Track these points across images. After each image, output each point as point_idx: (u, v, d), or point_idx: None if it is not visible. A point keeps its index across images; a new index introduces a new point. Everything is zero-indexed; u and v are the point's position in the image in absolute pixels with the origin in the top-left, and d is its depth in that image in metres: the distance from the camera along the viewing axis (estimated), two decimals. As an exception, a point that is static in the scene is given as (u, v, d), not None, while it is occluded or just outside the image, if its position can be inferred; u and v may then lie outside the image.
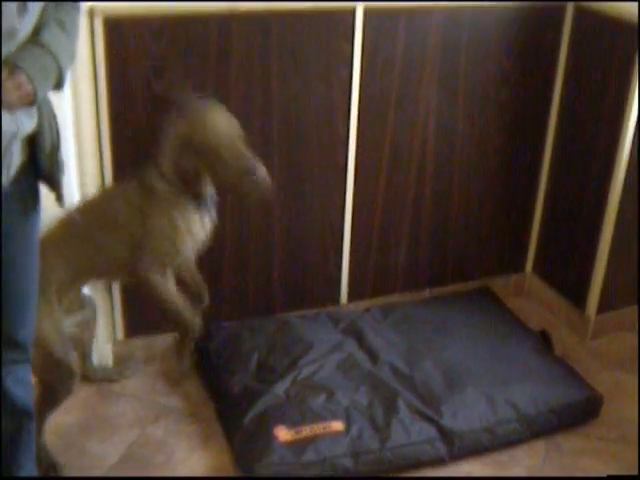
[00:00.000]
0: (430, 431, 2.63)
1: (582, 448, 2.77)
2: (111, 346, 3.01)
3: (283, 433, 2.55)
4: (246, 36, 2.77)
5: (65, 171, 1.96)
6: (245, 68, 2.82)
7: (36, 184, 1.93)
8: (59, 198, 1.96)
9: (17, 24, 1.65)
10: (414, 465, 2.61)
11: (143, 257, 2.51)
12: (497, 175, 3.41)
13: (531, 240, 3.61)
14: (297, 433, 2.56)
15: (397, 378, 2.86)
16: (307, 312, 3.24)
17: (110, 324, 3.00)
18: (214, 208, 2.61)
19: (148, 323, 2.99)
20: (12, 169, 1.78)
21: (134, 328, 3.04)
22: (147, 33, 2.64)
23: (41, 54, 1.72)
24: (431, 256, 3.45)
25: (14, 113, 1.70)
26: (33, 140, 1.83)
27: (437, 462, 2.63)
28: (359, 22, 2.88)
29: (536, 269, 3.64)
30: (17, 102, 1.68)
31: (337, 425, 2.61)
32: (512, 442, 2.74)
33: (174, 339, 2.83)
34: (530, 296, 3.65)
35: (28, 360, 2.08)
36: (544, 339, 3.19)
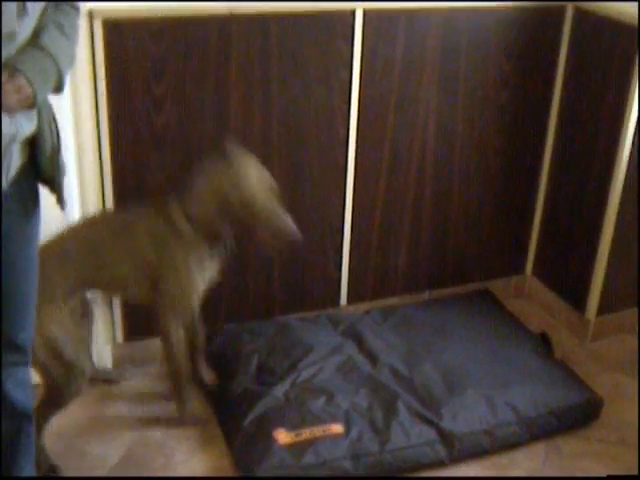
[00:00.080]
0: (430, 433, 2.63)
1: (582, 451, 2.77)
2: (111, 348, 3.01)
3: (283, 436, 2.55)
4: (246, 37, 2.77)
5: (65, 174, 1.96)
6: (245, 70, 2.81)
7: (36, 186, 1.93)
8: (60, 200, 1.96)
9: (16, 27, 1.65)
10: (414, 468, 2.60)
11: (165, 312, 2.58)
12: (497, 177, 3.41)
13: (531, 242, 3.61)
14: (297, 436, 2.56)
15: (397, 380, 2.86)
16: (307, 314, 3.24)
17: (110, 326, 2.99)
18: (229, 252, 2.68)
19: (147, 326, 2.98)
20: (11, 171, 1.78)
21: (133, 330, 3.03)
22: (146, 35, 2.64)
23: (41, 57, 1.72)
24: (431, 258, 3.45)
25: (14, 116, 1.69)
26: (33, 142, 1.83)
27: (437, 465, 2.63)
28: (359, 23, 2.88)
29: (536, 271, 3.64)
30: (17, 105, 1.68)
31: (337, 428, 2.61)
32: (512, 444, 2.73)
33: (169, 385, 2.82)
34: (530, 298, 3.65)
35: (27, 362, 2.08)
36: (544, 341, 3.19)
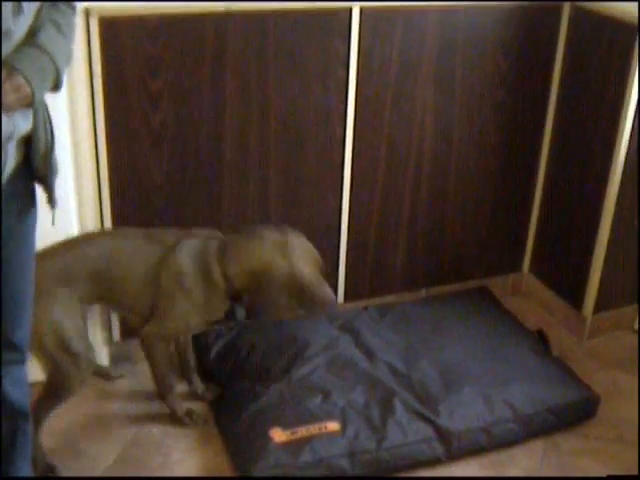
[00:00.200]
0: (427, 431, 2.63)
1: (580, 448, 2.77)
2: (108, 347, 3.01)
3: (279, 434, 2.55)
4: (242, 36, 2.76)
5: (58, 173, 1.96)
6: (241, 68, 2.81)
7: (32, 186, 1.93)
8: (50, 200, 1.95)
9: (12, 25, 1.65)
10: (411, 465, 2.60)
11: (156, 322, 2.58)
12: (494, 175, 3.40)
13: (528, 240, 3.61)
14: (293, 434, 2.55)
15: (394, 378, 2.86)
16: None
17: (107, 325, 2.99)
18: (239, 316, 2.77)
19: (139, 328, 2.98)
20: (7, 170, 1.78)
21: (130, 329, 3.02)
22: (143, 33, 2.64)
23: (38, 55, 1.72)
24: (428, 256, 3.45)
25: (12, 115, 1.70)
26: (28, 141, 1.83)
27: (434, 462, 2.63)
28: (355, 22, 2.87)
29: (533, 269, 3.64)
30: (15, 104, 1.68)
31: (333, 425, 2.61)
32: (509, 442, 2.73)
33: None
34: (527, 296, 3.65)
35: (24, 361, 2.07)
36: (541, 339, 3.19)
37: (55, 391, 2.46)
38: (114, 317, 3.00)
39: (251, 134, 2.92)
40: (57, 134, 1.94)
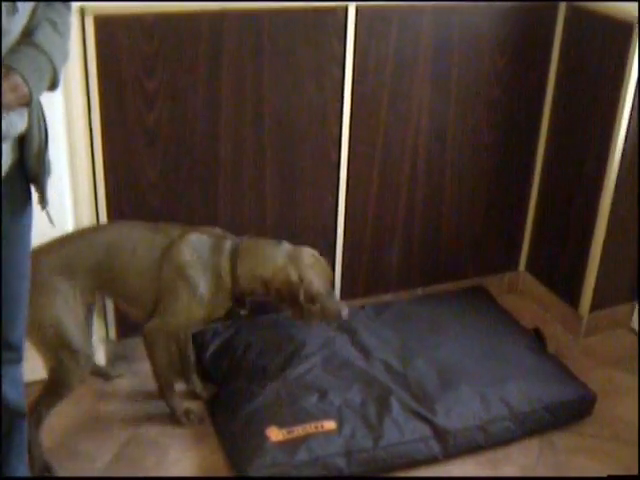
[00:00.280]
0: (423, 429, 2.63)
1: (576, 446, 2.77)
2: (104, 346, 3.00)
3: (275, 433, 2.54)
4: (238, 34, 2.76)
5: (51, 173, 1.95)
6: (237, 67, 2.81)
7: (27, 186, 1.92)
8: (42, 200, 1.95)
9: (7, 24, 1.65)
10: (407, 464, 2.60)
11: (158, 318, 2.59)
12: (490, 173, 3.40)
13: (524, 238, 3.61)
14: (289, 433, 2.55)
15: (390, 376, 2.86)
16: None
17: (103, 324, 2.99)
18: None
19: (140, 324, 2.98)
20: (2, 169, 1.77)
21: (127, 328, 3.03)
22: (138, 32, 2.63)
23: (35, 55, 1.72)
24: (424, 254, 3.45)
25: (8, 114, 1.70)
26: (22, 140, 1.83)
27: (431, 461, 2.63)
28: (351, 21, 2.87)
29: (529, 267, 3.64)
30: (14, 104, 1.68)
31: (329, 424, 2.60)
32: (506, 440, 2.74)
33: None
34: (523, 294, 3.66)
35: (20, 360, 2.07)
36: (537, 337, 3.19)
37: (55, 387, 2.46)
38: (110, 316, 3.00)
39: (246, 133, 2.92)
40: (52, 133, 1.94)
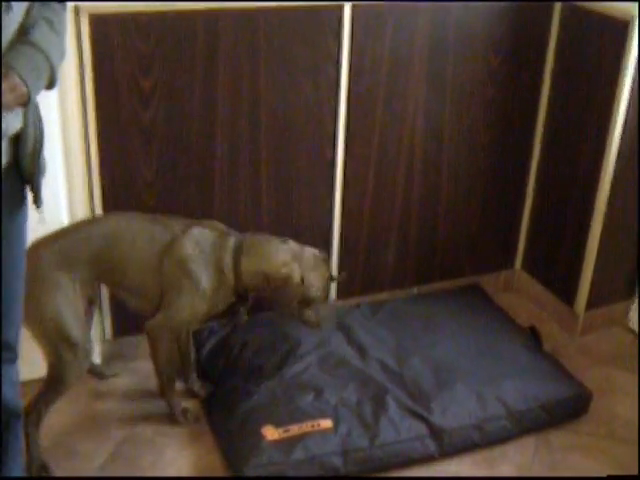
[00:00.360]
0: (419, 428, 2.63)
1: (572, 444, 2.77)
2: (100, 345, 3.00)
3: (271, 432, 2.54)
4: (234, 33, 2.76)
5: (45, 173, 1.95)
6: (232, 65, 2.80)
7: (22, 185, 1.92)
8: (36, 200, 1.95)
9: (2, 23, 1.65)
10: (404, 462, 2.60)
11: (161, 314, 2.58)
12: (486, 172, 3.40)
13: (520, 237, 3.61)
14: (285, 432, 2.55)
15: (386, 375, 2.86)
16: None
17: (99, 323, 2.98)
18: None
19: (136, 323, 2.97)
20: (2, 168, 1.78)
21: (122, 327, 3.03)
22: (133, 30, 2.63)
23: (33, 54, 1.72)
24: (420, 253, 3.44)
25: (7, 114, 1.70)
26: (17, 140, 1.82)
27: (427, 459, 2.63)
28: (347, 19, 2.87)
29: (525, 266, 3.64)
30: (13, 104, 1.69)
31: (326, 423, 2.60)
32: (502, 439, 2.74)
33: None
34: (519, 293, 3.66)
35: (15, 359, 2.07)
36: (533, 335, 3.19)
37: (54, 383, 2.46)
38: (106, 315, 2.99)
39: (242, 132, 2.91)
40: (47, 132, 1.93)
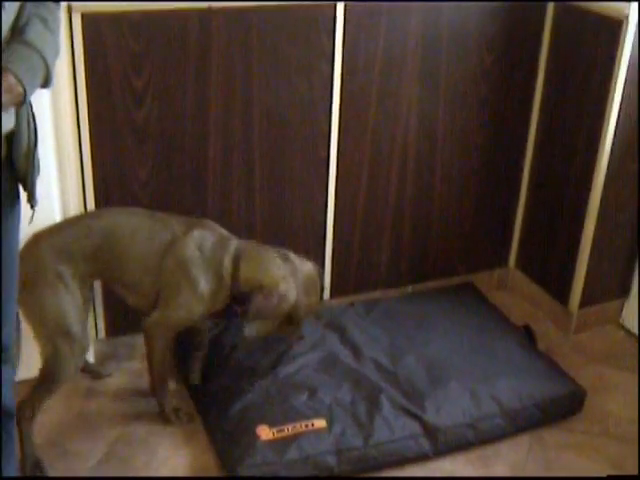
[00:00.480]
0: (414, 427, 2.63)
1: (566, 442, 2.77)
2: (93, 345, 2.99)
3: (265, 432, 2.54)
4: (226, 32, 2.75)
5: (40, 172, 1.95)
6: (225, 64, 2.80)
7: (15, 185, 1.91)
8: (31, 199, 1.94)
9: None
10: (398, 461, 2.60)
11: (159, 311, 2.58)
12: (479, 171, 3.41)
13: (514, 235, 3.61)
14: (279, 431, 2.54)
15: (380, 374, 2.86)
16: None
17: (92, 323, 2.98)
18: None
19: (130, 322, 2.97)
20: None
21: (116, 327, 3.02)
22: (126, 29, 2.62)
23: (28, 53, 1.72)
24: (414, 252, 3.45)
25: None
26: (10, 139, 1.82)
27: (421, 458, 2.63)
28: (340, 17, 2.87)
29: (519, 264, 3.64)
30: (9, 104, 1.70)
31: (320, 423, 2.60)
32: (496, 437, 2.74)
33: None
34: (513, 291, 3.66)
35: (8, 360, 2.06)
36: (527, 334, 3.19)
37: (49, 379, 2.46)
38: (99, 314, 2.99)
39: (236, 130, 2.91)
40: (40, 132, 1.93)
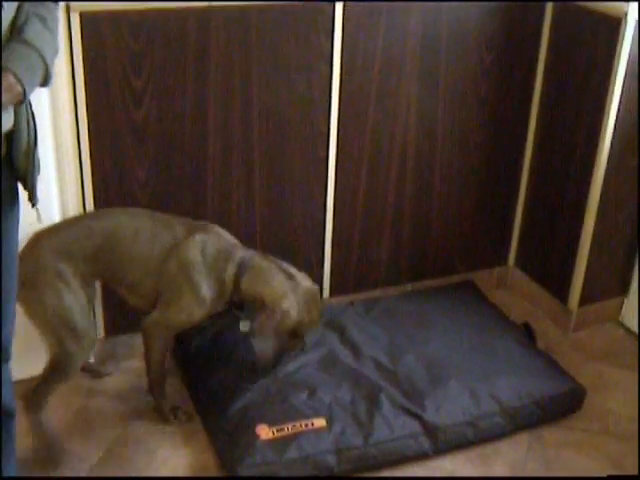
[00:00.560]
0: (413, 426, 2.63)
1: (565, 441, 2.78)
2: (92, 344, 3.00)
3: (265, 431, 2.54)
4: (226, 31, 2.75)
5: (40, 170, 1.95)
6: (224, 63, 2.80)
7: (14, 184, 1.91)
8: (32, 198, 1.94)
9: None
10: (398, 460, 2.60)
11: (159, 312, 2.59)
12: (479, 169, 3.41)
13: (513, 233, 3.61)
14: (279, 431, 2.54)
15: (380, 373, 2.86)
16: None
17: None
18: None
19: (129, 321, 2.97)
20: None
21: (115, 326, 3.02)
22: (125, 29, 2.62)
23: (27, 52, 1.72)
24: (413, 250, 3.45)
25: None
26: (9, 138, 1.82)
27: (421, 457, 2.63)
28: (339, 17, 2.87)
29: (518, 262, 3.64)
30: (8, 104, 1.70)
31: (319, 422, 2.60)
32: (495, 435, 2.74)
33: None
34: (513, 289, 3.66)
35: (8, 359, 2.06)
36: (527, 332, 3.19)
37: (58, 372, 2.48)
38: (99, 314, 2.99)
39: (235, 130, 2.91)
40: (39, 132, 1.93)
